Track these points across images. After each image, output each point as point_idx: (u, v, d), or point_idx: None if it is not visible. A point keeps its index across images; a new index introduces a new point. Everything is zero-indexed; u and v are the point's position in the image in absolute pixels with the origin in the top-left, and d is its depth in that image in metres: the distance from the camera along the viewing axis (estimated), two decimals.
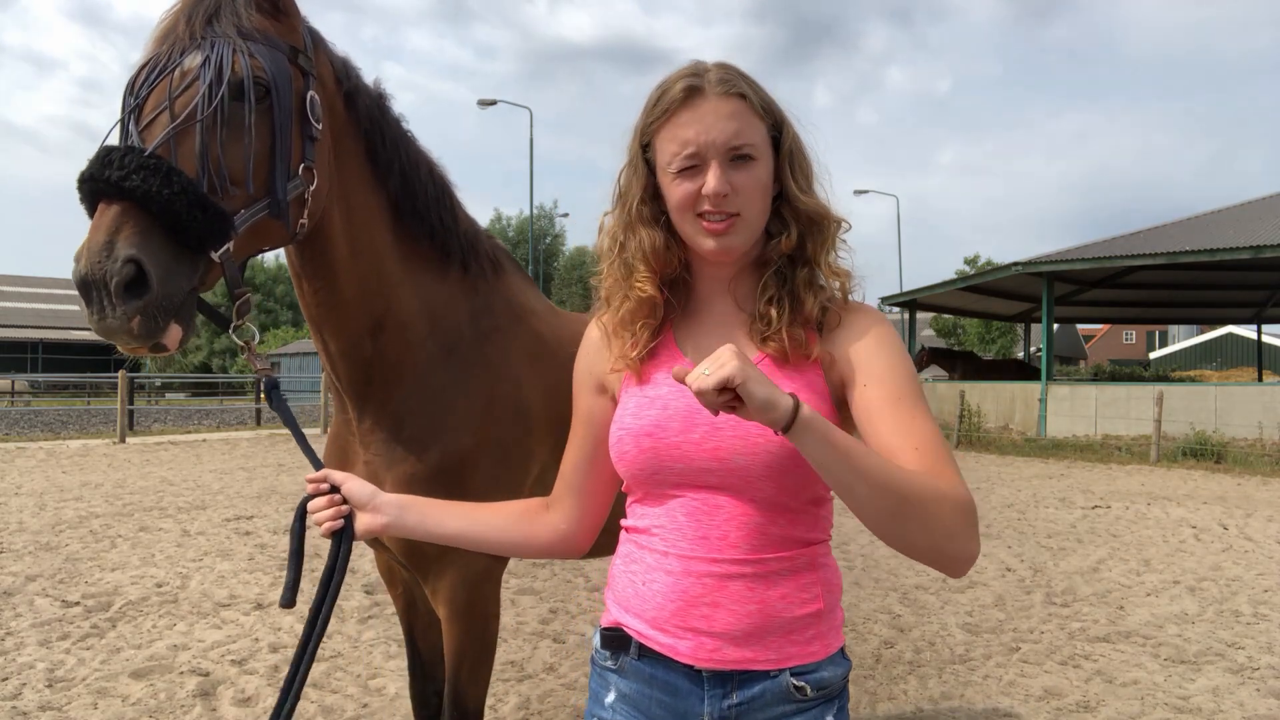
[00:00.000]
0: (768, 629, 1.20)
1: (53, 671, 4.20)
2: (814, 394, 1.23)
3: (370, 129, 1.92)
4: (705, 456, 1.20)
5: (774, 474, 1.18)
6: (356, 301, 1.93)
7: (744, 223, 1.23)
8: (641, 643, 1.25)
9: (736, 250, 1.25)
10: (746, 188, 1.22)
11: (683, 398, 1.23)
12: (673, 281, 1.33)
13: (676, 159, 1.22)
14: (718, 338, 1.28)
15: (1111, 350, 59.49)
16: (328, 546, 1.42)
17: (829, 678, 1.23)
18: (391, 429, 2.02)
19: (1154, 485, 11.76)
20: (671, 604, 1.22)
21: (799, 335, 1.24)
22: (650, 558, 1.26)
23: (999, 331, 39.58)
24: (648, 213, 1.29)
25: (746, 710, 1.21)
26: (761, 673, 1.21)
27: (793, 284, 1.27)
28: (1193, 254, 17.05)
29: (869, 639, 4.97)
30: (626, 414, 1.28)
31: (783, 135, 1.27)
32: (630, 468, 1.27)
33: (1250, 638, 5.01)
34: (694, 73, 1.24)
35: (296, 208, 1.67)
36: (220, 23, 1.58)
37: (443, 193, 2.11)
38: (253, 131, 1.55)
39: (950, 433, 18.01)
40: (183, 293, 1.46)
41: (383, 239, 1.96)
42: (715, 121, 1.20)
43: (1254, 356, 31.29)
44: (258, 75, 1.56)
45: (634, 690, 1.26)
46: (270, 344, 50.43)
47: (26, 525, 7.75)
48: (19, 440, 16.31)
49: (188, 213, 1.41)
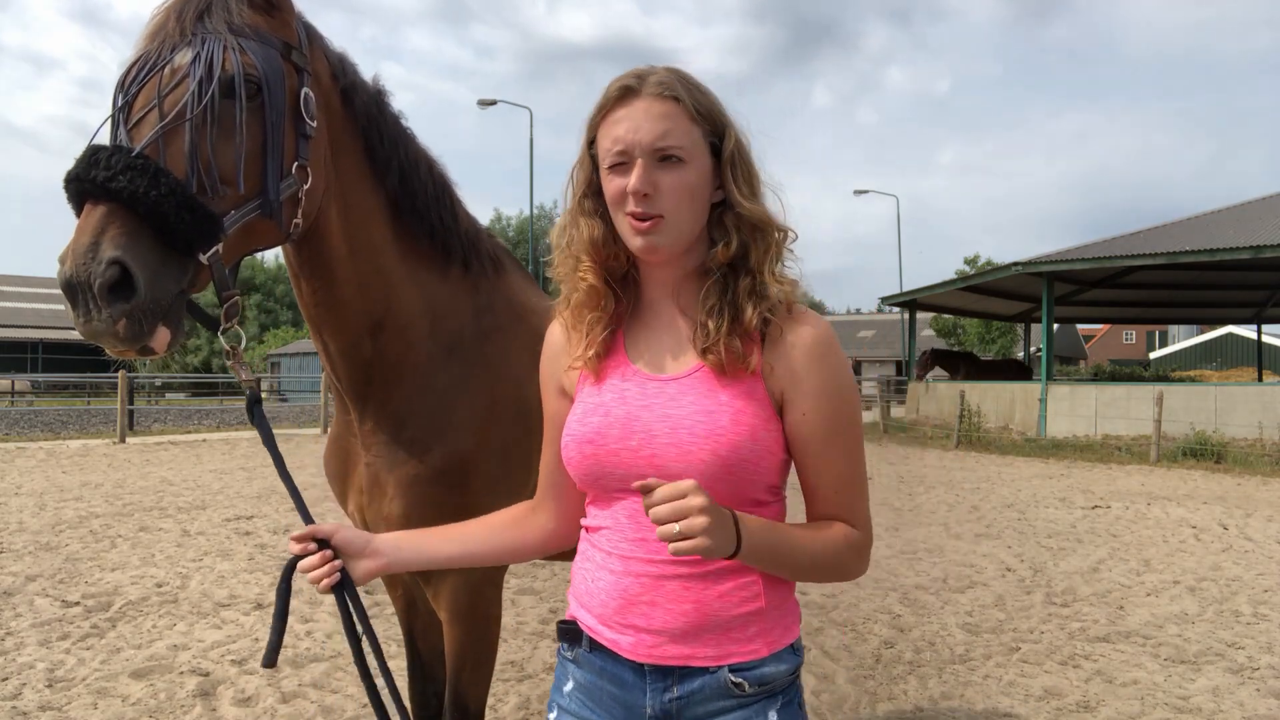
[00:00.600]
0: (705, 627, 1.24)
1: (53, 671, 4.20)
2: (753, 403, 1.25)
3: (368, 126, 1.90)
4: (643, 464, 1.24)
5: (709, 480, 1.20)
6: (355, 301, 1.91)
7: (669, 224, 1.24)
8: (592, 637, 1.31)
9: (662, 250, 1.27)
10: (672, 189, 1.23)
11: (622, 405, 1.28)
12: (624, 280, 1.36)
13: (609, 154, 1.26)
14: (661, 344, 1.33)
15: (1111, 350, 59.48)
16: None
17: (771, 674, 1.26)
18: (393, 430, 2.01)
19: (1154, 485, 11.76)
20: (614, 601, 1.27)
21: (737, 347, 1.25)
22: (598, 556, 1.32)
23: (999, 331, 39.55)
24: (590, 205, 1.33)
25: (687, 704, 1.25)
26: (701, 668, 1.25)
27: (734, 293, 1.27)
28: (1193, 254, 17.06)
29: (869, 639, 4.97)
30: (574, 419, 1.33)
31: (724, 142, 1.28)
32: (576, 472, 1.32)
33: (1250, 638, 5.01)
34: (636, 75, 1.28)
35: (290, 207, 1.65)
36: (211, 19, 1.55)
37: (442, 191, 2.09)
38: (243, 130, 1.52)
39: (950, 433, 18.02)
40: (170, 295, 1.44)
41: (382, 237, 1.94)
42: (644, 121, 1.23)
43: (1254, 356, 31.29)
44: (249, 72, 1.53)
45: (588, 680, 1.32)
46: (270, 344, 50.41)
47: (26, 525, 7.75)
48: (19, 440, 16.31)
49: (175, 214, 1.40)
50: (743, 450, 1.22)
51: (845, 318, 63.92)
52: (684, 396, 1.26)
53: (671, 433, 1.23)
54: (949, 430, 18.32)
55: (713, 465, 1.21)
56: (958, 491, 10.92)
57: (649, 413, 1.26)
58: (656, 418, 1.25)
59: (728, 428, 1.22)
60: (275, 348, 49.43)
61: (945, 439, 18.18)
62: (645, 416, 1.26)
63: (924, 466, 13.94)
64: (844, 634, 5.04)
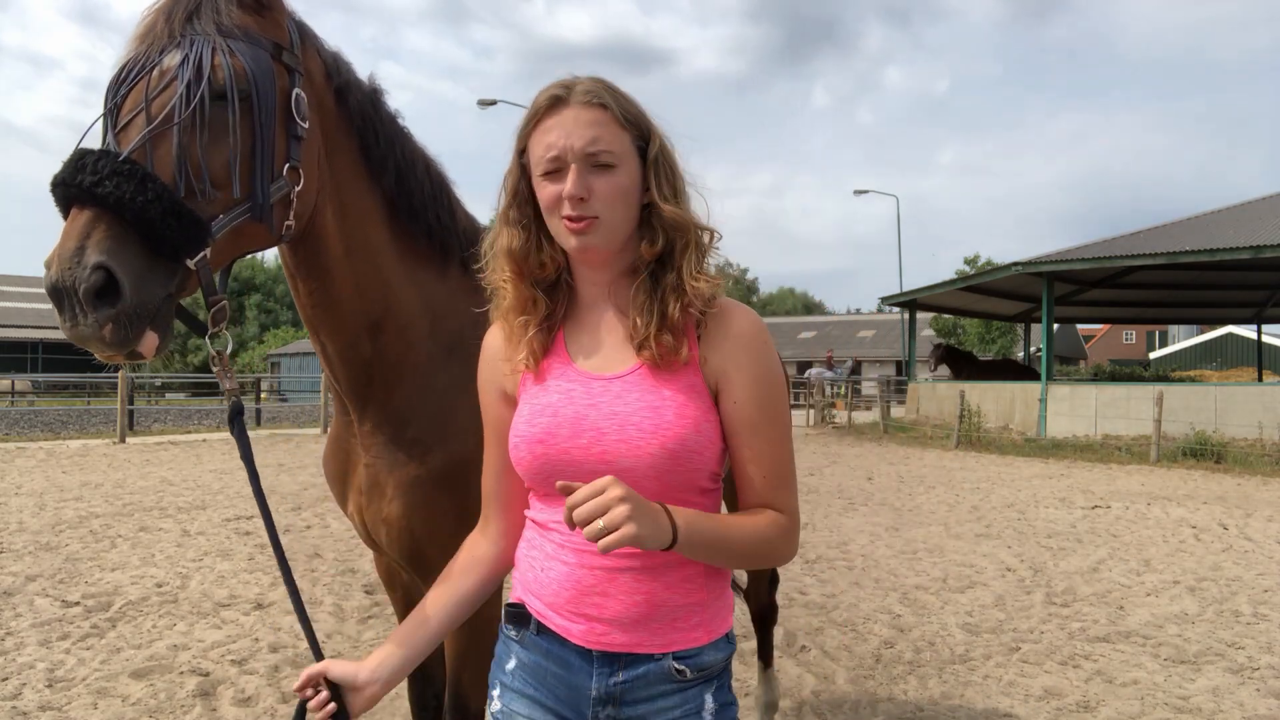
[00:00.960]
0: (653, 617, 1.31)
1: (53, 671, 4.20)
2: (694, 396, 1.32)
3: (363, 125, 1.88)
4: (593, 460, 1.29)
5: (658, 473, 1.28)
6: (352, 301, 1.90)
7: (603, 225, 1.30)
8: (540, 621, 1.36)
9: (597, 250, 1.32)
10: (605, 192, 1.29)
11: (569, 405, 1.33)
12: (556, 284, 1.41)
13: (542, 162, 1.31)
14: (602, 343, 1.38)
15: (1111, 350, 59.49)
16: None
17: (709, 661, 1.34)
18: (393, 431, 1.99)
19: (1154, 485, 11.76)
20: (567, 591, 1.32)
21: (669, 341, 1.32)
22: (549, 547, 1.36)
23: (999, 331, 39.58)
24: (514, 215, 1.38)
25: (630, 688, 1.32)
26: (646, 655, 1.32)
27: (661, 290, 1.33)
28: (1193, 254, 17.06)
29: (869, 639, 4.97)
30: (521, 421, 1.37)
31: (649, 145, 1.34)
32: (526, 471, 1.36)
33: (1250, 638, 5.01)
34: (563, 85, 1.33)
35: (281, 209, 1.64)
36: (200, 20, 1.54)
37: (440, 190, 2.07)
38: (233, 133, 1.52)
39: (950, 433, 18.02)
40: (157, 300, 1.43)
41: (379, 237, 1.93)
42: (575, 128, 1.28)
43: (1254, 356, 31.28)
44: (237, 74, 1.52)
45: (532, 661, 1.38)
46: (270, 344, 50.40)
47: (26, 525, 7.75)
48: (19, 440, 16.31)
49: (161, 220, 1.39)
50: (688, 442, 1.29)
51: (845, 318, 63.93)
52: (629, 394, 1.31)
53: (620, 429, 1.29)
54: (949, 430, 18.32)
55: (661, 458, 1.27)
56: (958, 491, 10.92)
57: (596, 411, 1.31)
58: (604, 415, 1.31)
59: (673, 421, 1.28)
60: (275, 348, 49.43)
61: (945, 439, 18.18)
62: (593, 415, 1.31)
63: (924, 466, 13.94)
64: (844, 634, 5.04)
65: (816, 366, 28.50)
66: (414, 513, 1.97)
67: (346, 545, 7.06)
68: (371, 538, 2.14)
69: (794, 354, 47.24)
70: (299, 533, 7.64)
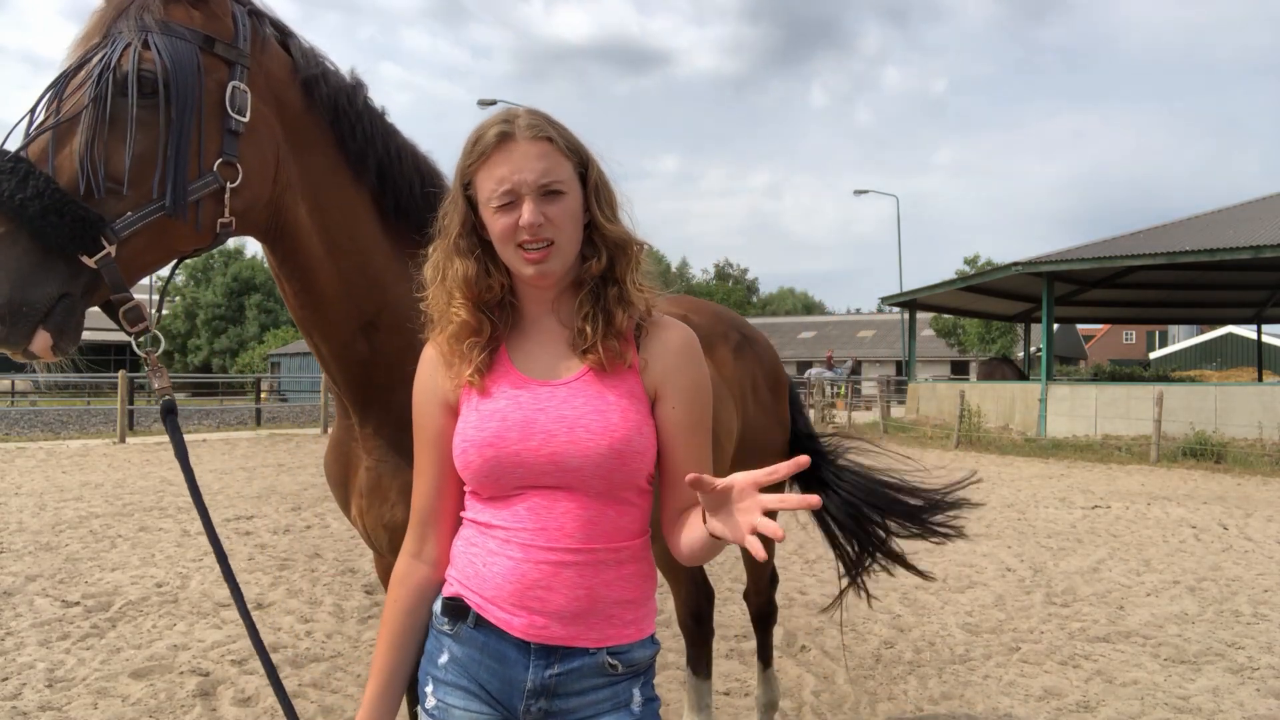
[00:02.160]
0: (593, 611, 1.37)
1: (53, 671, 4.20)
2: (635, 400, 1.41)
3: (337, 120, 1.83)
4: (543, 461, 1.36)
5: (603, 471, 1.36)
6: (340, 300, 1.86)
7: (558, 249, 1.38)
8: (479, 614, 1.40)
9: (554, 274, 1.40)
10: (558, 218, 1.37)
11: (518, 410, 1.39)
12: (499, 304, 1.47)
13: (495, 195, 1.36)
14: (547, 353, 1.45)
15: (1111, 350, 59.48)
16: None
17: (639, 657, 1.42)
18: (395, 434, 1.95)
19: (1154, 485, 11.77)
20: (510, 585, 1.37)
21: (614, 346, 1.41)
22: (493, 544, 1.40)
23: (999, 331, 39.54)
24: (464, 245, 1.44)
25: (564, 680, 1.37)
26: (582, 649, 1.37)
27: (605, 301, 1.42)
28: (1193, 254, 17.06)
29: (869, 639, 4.97)
30: (469, 427, 1.41)
31: (589, 171, 1.43)
32: (475, 474, 1.40)
33: (1250, 638, 5.02)
34: (505, 119, 1.40)
35: (212, 205, 1.59)
36: (127, 18, 1.53)
37: (434, 186, 2.01)
38: (138, 128, 1.49)
39: (950, 433, 18.02)
40: (47, 299, 1.42)
41: (366, 235, 1.88)
42: (525, 162, 1.35)
43: (1254, 356, 31.28)
44: (144, 69, 1.49)
45: (465, 655, 1.41)
46: (270, 344, 50.37)
47: (26, 525, 7.75)
48: (19, 440, 16.31)
49: (42, 217, 1.38)
50: (632, 442, 1.37)
51: (845, 318, 63.90)
52: (576, 398, 1.39)
53: (569, 431, 1.36)
54: (949, 430, 18.32)
55: (608, 458, 1.35)
56: None
57: (545, 415, 1.38)
58: (552, 419, 1.37)
59: (618, 423, 1.37)
60: (275, 348, 49.41)
61: (945, 439, 18.18)
62: (542, 419, 1.38)
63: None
64: (844, 634, 5.04)
65: (816, 366, 28.53)
66: None
67: (346, 545, 7.07)
68: (374, 542, 2.12)
69: (794, 354, 47.24)
70: (299, 533, 7.64)
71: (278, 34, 1.82)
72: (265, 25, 1.77)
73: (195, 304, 55.29)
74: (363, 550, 6.77)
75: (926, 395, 22.49)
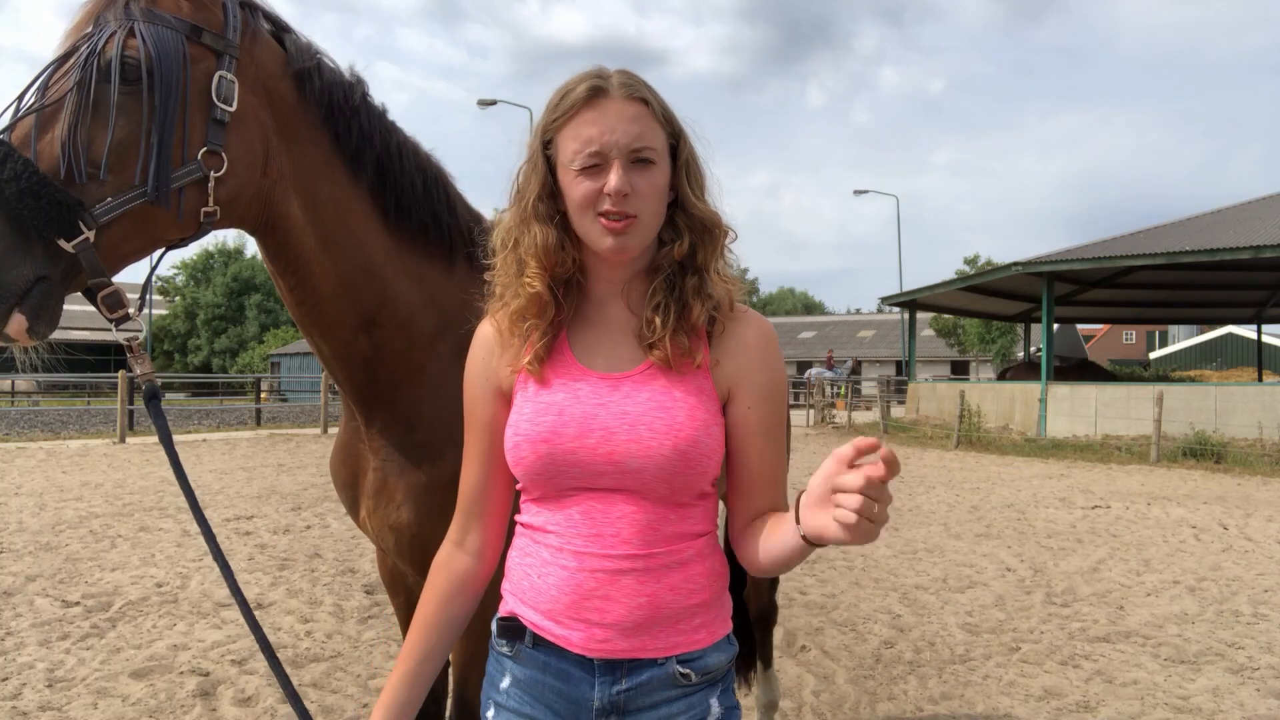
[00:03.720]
0: (656, 620, 1.26)
1: (53, 671, 4.20)
2: (704, 399, 1.28)
3: (331, 116, 1.80)
4: (600, 460, 1.25)
5: (665, 475, 1.24)
6: (338, 296, 1.84)
7: (640, 225, 1.26)
8: (536, 633, 1.30)
9: (631, 250, 1.28)
10: (645, 191, 1.25)
11: (576, 404, 1.28)
12: (566, 283, 1.35)
13: (579, 156, 1.24)
14: (610, 342, 1.33)
15: (1111, 350, 59.45)
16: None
17: (713, 663, 1.29)
18: (401, 433, 1.93)
19: (1154, 485, 11.76)
20: (566, 597, 1.26)
21: (683, 343, 1.28)
22: (546, 553, 1.30)
23: (999, 331, 39.52)
24: (543, 210, 1.31)
25: (634, 695, 1.27)
26: (650, 660, 1.26)
27: (681, 291, 1.30)
28: (1193, 254, 17.06)
29: (869, 639, 4.97)
30: (523, 419, 1.30)
31: (680, 144, 1.31)
32: (527, 471, 1.30)
33: (1250, 638, 5.01)
34: (598, 74, 1.27)
35: (195, 194, 1.58)
36: (115, 8, 1.54)
37: (436, 185, 1.99)
38: (120, 114, 1.49)
39: (950, 433, 18.02)
40: (23, 281, 1.42)
41: (364, 231, 1.86)
42: (618, 122, 1.23)
43: (1254, 356, 31.28)
44: (128, 56, 1.50)
45: (528, 676, 1.31)
46: (270, 344, 50.37)
47: (26, 525, 7.75)
48: (19, 440, 16.31)
49: (18, 200, 1.38)
50: (698, 444, 1.25)
51: (845, 318, 63.92)
52: (639, 393, 1.27)
53: (630, 429, 1.25)
54: (949, 430, 18.31)
55: (672, 459, 1.24)
56: (958, 491, 10.92)
57: (605, 410, 1.27)
58: (613, 415, 1.26)
59: (684, 423, 1.25)
60: (275, 348, 49.40)
61: (945, 439, 18.18)
62: (602, 414, 1.26)
63: (924, 466, 13.94)
64: (844, 634, 5.04)
65: (816, 366, 28.50)
66: (424, 519, 1.91)
67: (346, 545, 7.06)
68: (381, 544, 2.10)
69: (794, 354, 47.23)
70: (299, 533, 7.64)
71: (274, 28, 1.81)
72: (258, 18, 1.76)
73: (195, 304, 55.31)
74: (363, 550, 6.77)
75: (926, 395, 22.49)
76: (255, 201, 1.71)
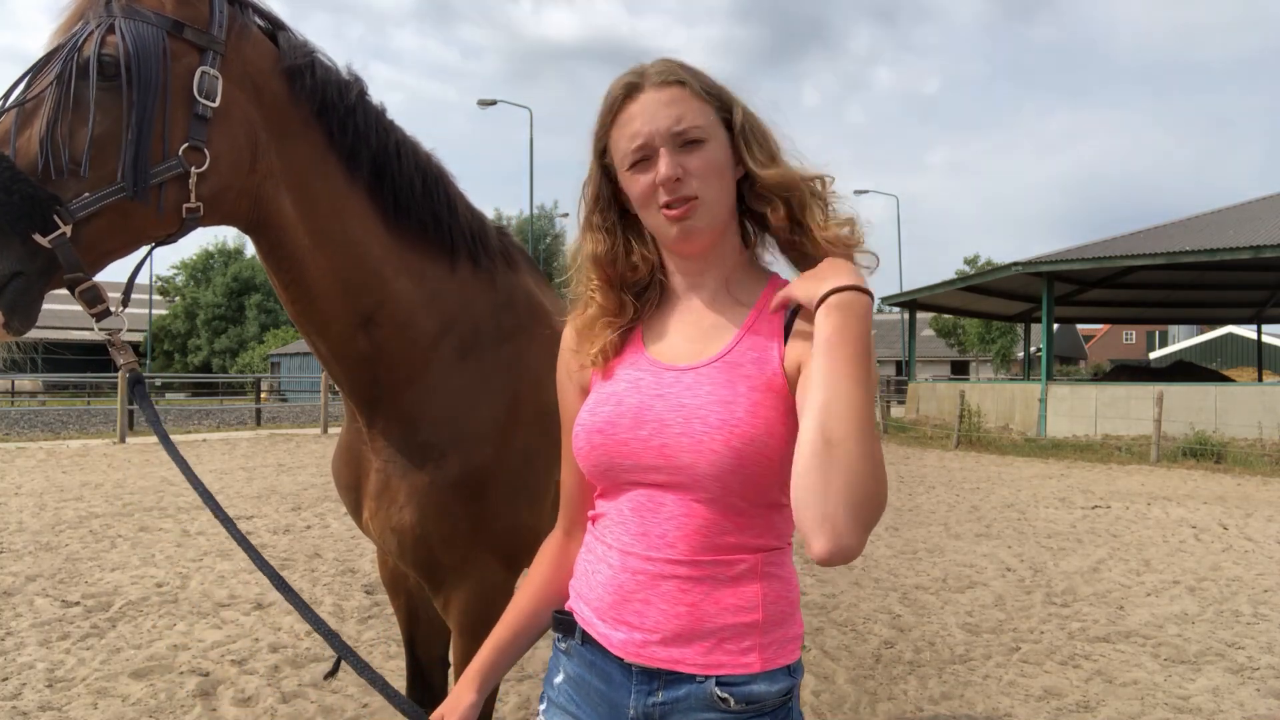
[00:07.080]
0: (697, 633, 1.18)
1: (53, 671, 4.19)
2: (772, 395, 1.22)
3: (324, 113, 1.79)
4: (652, 454, 1.20)
5: (722, 475, 1.16)
6: (333, 294, 1.82)
7: (703, 204, 1.22)
8: (585, 630, 1.28)
9: (701, 234, 1.24)
10: (700, 169, 1.22)
11: (635, 394, 1.24)
12: (648, 285, 1.35)
13: (628, 154, 1.24)
14: (685, 331, 1.30)
15: (1111, 350, 59.45)
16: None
17: (761, 693, 1.18)
18: (403, 433, 1.92)
19: (1154, 485, 11.76)
20: (610, 595, 1.24)
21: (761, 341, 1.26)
22: (599, 548, 1.28)
23: (999, 331, 39.53)
24: (598, 220, 1.33)
25: (669, 710, 1.20)
26: (688, 676, 1.19)
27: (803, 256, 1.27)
28: (1193, 254, 17.06)
29: (869, 639, 4.97)
30: (586, 410, 1.30)
31: (734, 115, 1.27)
32: (585, 463, 1.28)
33: (1250, 638, 5.01)
34: (634, 71, 1.27)
35: (176, 190, 1.58)
36: (97, 5, 1.55)
37: (435, 183, 1.98)
38: (99, 110, 1.49)
39: (950, 433, 18.01)
40: (1, 276, 1.43)
41: (362, 229, 1.84)
42: (656, 110, 1.22)
43: (1254, 356, 31.27)
44: (104, 53, 1.50)
45: (577, 674, 1.29)
46: (270, 344, 50.36)
47: (26, 525, 7.75)
48: (19, 440, 16.30)
49: None
50: (756, 444, 1.15)
51: None
52: (701, 386, 1.20)
53: (685, 423, 1.18)
54: (949, 430, 18.31)
55: (727, 458, 1.15)
56: (958, 491, 10.92)
57: (662, 402, 1.21)
58: (670, 407, 1.20)
59: (744, 419, 1.15)
60: (275, 348, 49.39)
61: (945, 439, 18.17)
62: (658, 406, 1.21)
63: (924, 466, 13.93)
64: (844, 634, 5.04)
65: None
66: (427, 520, 1.90)
67: (346, 545, 7.06)
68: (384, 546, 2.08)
69: None
70: (299, 533, 7.63)
71: (267, 25, 1.80)
72: (247, 13, 1.75)
73: (195, 304, 55.29)
74: (363, 550, 6.77)
75: (926, 395, 22.48)
76: (243, 198, 1.70)
